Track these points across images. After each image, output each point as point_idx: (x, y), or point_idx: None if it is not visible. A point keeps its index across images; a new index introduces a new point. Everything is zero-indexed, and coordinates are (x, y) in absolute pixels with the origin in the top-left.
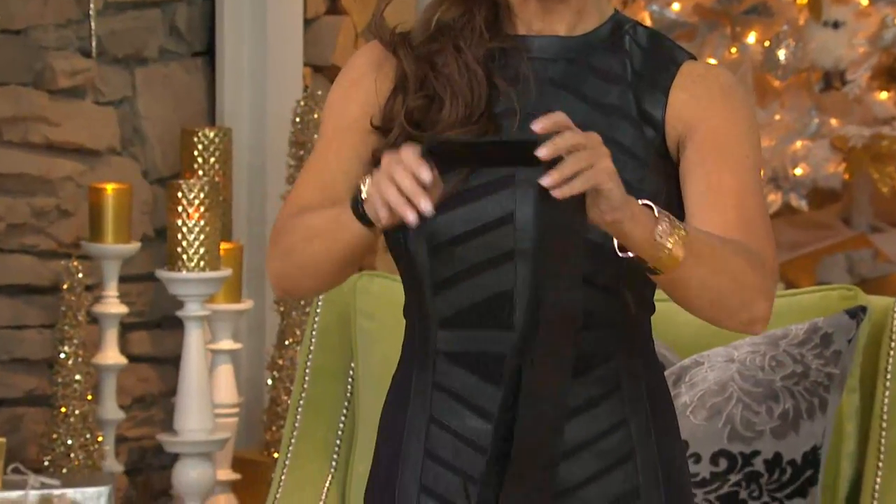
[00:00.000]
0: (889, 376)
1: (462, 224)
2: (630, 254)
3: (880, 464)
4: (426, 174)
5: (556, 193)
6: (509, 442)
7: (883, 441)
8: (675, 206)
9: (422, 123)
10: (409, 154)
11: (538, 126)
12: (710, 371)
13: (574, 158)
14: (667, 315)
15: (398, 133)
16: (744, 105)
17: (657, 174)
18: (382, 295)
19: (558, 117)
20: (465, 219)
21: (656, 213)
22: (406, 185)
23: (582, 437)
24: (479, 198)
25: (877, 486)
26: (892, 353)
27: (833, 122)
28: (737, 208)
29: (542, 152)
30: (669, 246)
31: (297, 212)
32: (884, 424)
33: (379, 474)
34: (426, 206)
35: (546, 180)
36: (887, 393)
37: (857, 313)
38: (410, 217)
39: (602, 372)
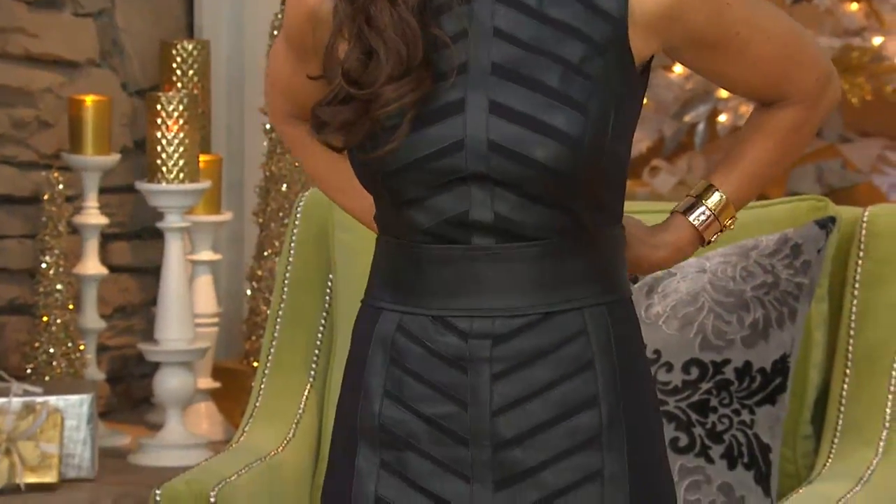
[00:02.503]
0: (857, 286)
1: (413, 150)
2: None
3: (847, 371)
4: None
5: None
6: None
7: (850, 349)
8: (623, 114)
9: (360, 80)
10: None
11: None
12: (682, 282)
13: None
14: None
15: (336, 89)
16: None
17: (608, 86)
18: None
19: None
20: (416, 145)
21: (694, 224)
22: None
23: (541, 345)
24: (431, 124)
25: (844, 394)
26: (860, 262)
27: None
28: (780, 64)
29: None
30: (723, 227)
31: (282, 118)
32: (851, 333)
33: (348, 379)
34: None
35: None
36: (855, 302)
37: (826, 224)
38: None
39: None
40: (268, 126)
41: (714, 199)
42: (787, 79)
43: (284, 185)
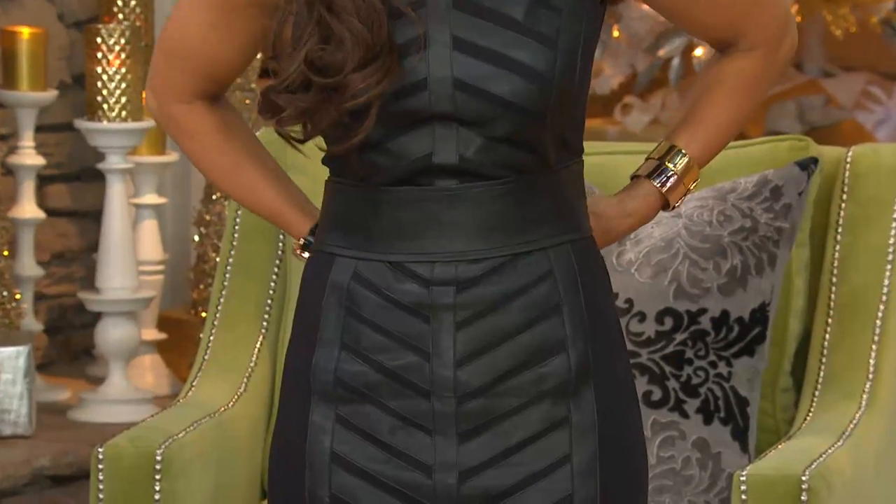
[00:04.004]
0: (840, 229)
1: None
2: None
3: (829, 320)
4: None
5: None
6: None
7: (833, 296)
8: (588, 49)
9: (323, 69)
10: None
11: None
12: (655, 227)
13: None
14: (609, 168)
15: (294, 74)
16: None
17: (576, 20)
18: (314, 148)
19: None
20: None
21: (661, 188)
22: None
23: (507, 289)
24: (392, 62)
25: (825, 344)
26: (843, 205)
27: None
28: (743, 5)
29: None
30: (687, 190)
31: (184, 97)
32: (834, 279)
33: (298, 329)
34: None
35: None
36: (838, 247)
37: (808, 165)
38: None
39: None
40: None
41: (680, 161)
42: (748, 19)
43: None
